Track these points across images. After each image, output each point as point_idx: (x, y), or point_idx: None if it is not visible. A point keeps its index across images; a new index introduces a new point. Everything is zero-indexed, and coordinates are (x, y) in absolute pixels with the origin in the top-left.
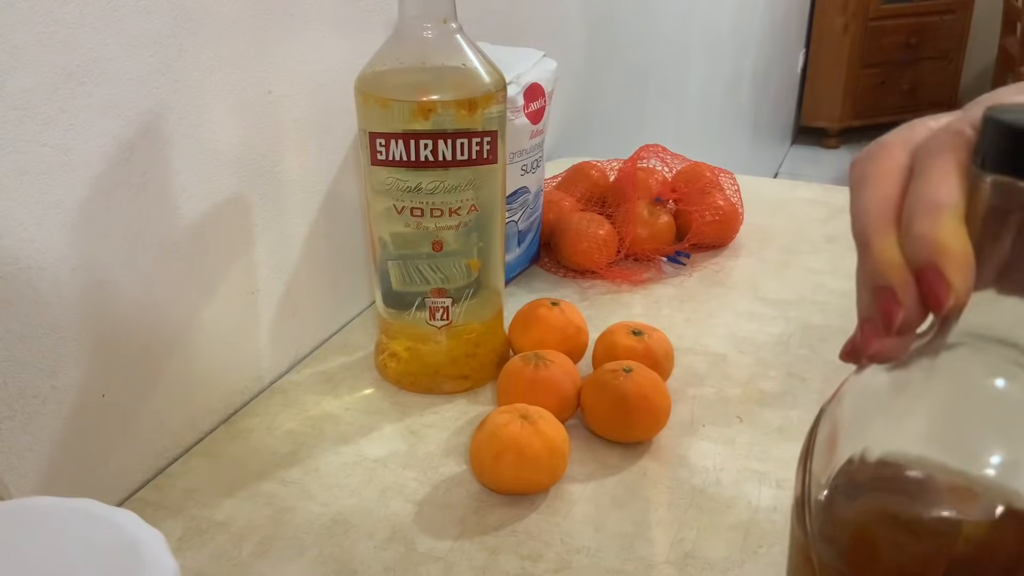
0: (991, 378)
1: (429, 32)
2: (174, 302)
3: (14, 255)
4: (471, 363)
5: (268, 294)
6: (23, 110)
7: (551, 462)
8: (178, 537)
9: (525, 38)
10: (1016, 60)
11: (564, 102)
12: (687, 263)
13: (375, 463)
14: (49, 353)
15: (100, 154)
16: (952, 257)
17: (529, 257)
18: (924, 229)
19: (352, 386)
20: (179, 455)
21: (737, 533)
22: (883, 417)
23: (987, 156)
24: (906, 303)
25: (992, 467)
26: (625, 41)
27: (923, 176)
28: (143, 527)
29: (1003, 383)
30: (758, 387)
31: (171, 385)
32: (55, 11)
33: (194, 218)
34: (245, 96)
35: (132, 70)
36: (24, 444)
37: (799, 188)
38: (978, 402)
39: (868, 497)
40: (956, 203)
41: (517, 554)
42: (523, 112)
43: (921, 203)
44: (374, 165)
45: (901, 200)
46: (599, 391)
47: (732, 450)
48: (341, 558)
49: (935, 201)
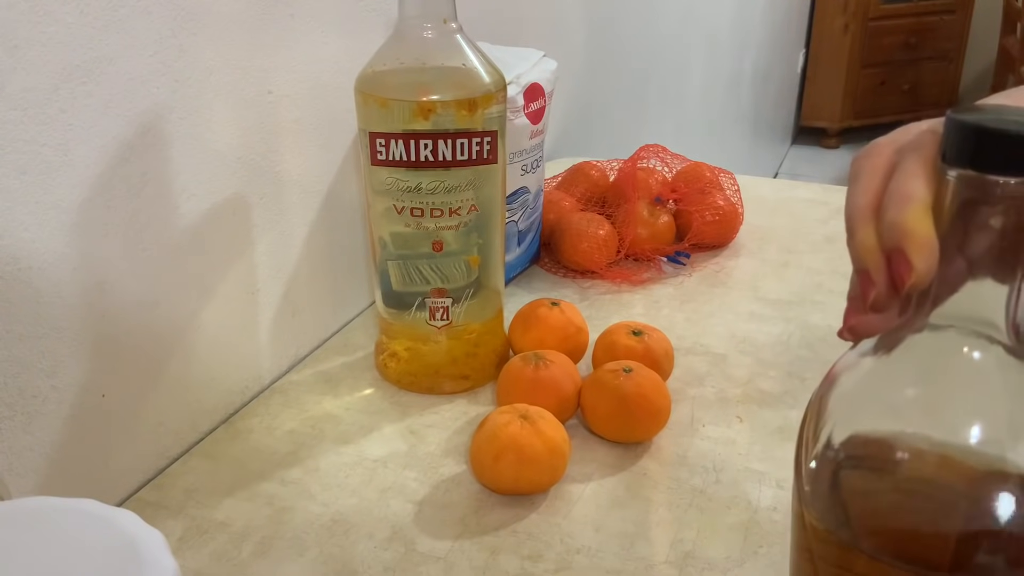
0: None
1: (429, 32)
2: (174, 302)
3: (14, 255)
4: (471, 363)
5: (268, 294)
6: (23, 110)
7: (551, 462)
8: (178, 537)
9: (525, 38)
10: (1016, 60)
11: (564, 102)
12: (687, 263)
13: (375, 463)
14: (49, 353)
15: (100, 154)
16: (914, 239)
17: (529, 257)
18: (893, 217)
19: (352, 386)
20: (179, 455)
21: (737, 533)
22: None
23: (948, 152)
24: (878, 282)
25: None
26: (625, 41)
27: (898, 172)
28: (143, 527)
29: (978, 355)
30: (758, 387)
31: (171, 385)
32: (55, 11)
33: (194, 218)
34: (245, 96)
35: (132, 70)
36: (24, 444)
37: (799, 188)
38: (953, 376)
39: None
40: (922, 195)
41: (517, 554)
42: (523, 112)
43: (894, 195)
44: (374, 165)
45: (883, 194)
46: (599, 391)
47: (732, 450)
48: (341, 558)
49: (905, 193)
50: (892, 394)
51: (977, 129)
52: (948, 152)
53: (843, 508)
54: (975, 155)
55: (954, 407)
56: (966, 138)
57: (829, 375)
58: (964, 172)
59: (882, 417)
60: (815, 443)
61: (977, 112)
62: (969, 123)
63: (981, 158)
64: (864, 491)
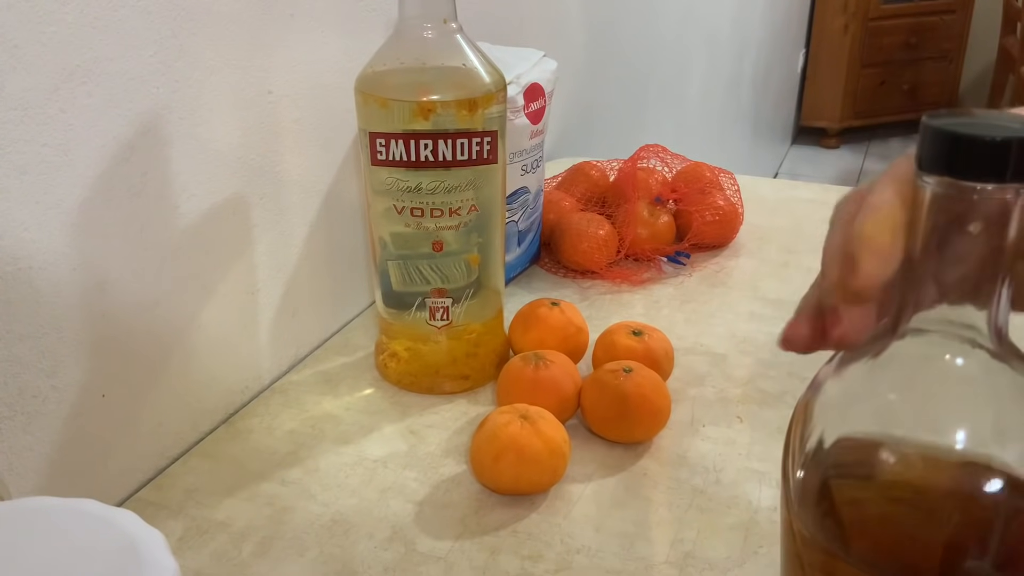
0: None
1: (429, 32)
2: (174, 302)
3: (14, 255)
4: (471, 363)
5: (268, 294)
6: (23, 110)
7: (551, 462)
8: (178, 537)
9: (525, 38)
10: (1016, 60)
11: (564, 102)
12: (687, 263)
13: (375, 463)
14: (49, 353)
15: (100, 154)
16: (866, 243)
17: (529, 257)
18: (855, 226)
19: (352, 386)
20: (179, 455)
21: (737, 533)
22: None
23: (923, 159)
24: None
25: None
26: (625, 41)
27: (870, 191)
28: (143, 527)
29: (961, 361)
30: (758, 387)
31: (171, 385)
32: (55, 11)
33: (194, 218)
34: (245, 96)
35: (132, 70)
36: (24, 444)
37: (799, 188)
38: (937, 381)
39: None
40: (888, 205)
41: (517, 554)
42: (523, 112)
43: (863, 209)
44: (374, 165)
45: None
46: (599, 391)
47: (732, 450)
48: (341, 558)
49: (871, 204)
50: (876, 400)
51: (952, 135)
52: (923, 159)
53: (830, 516)
54: (950, 161)
55: (939, 412)
56: (941, 144)
57: (814, 382)
58: (940, 179)
59: (867, 423)
60: (802, 451)
61: (952, 117)
62: (944, 129)
63: (956, 164)
64: (851, 499)
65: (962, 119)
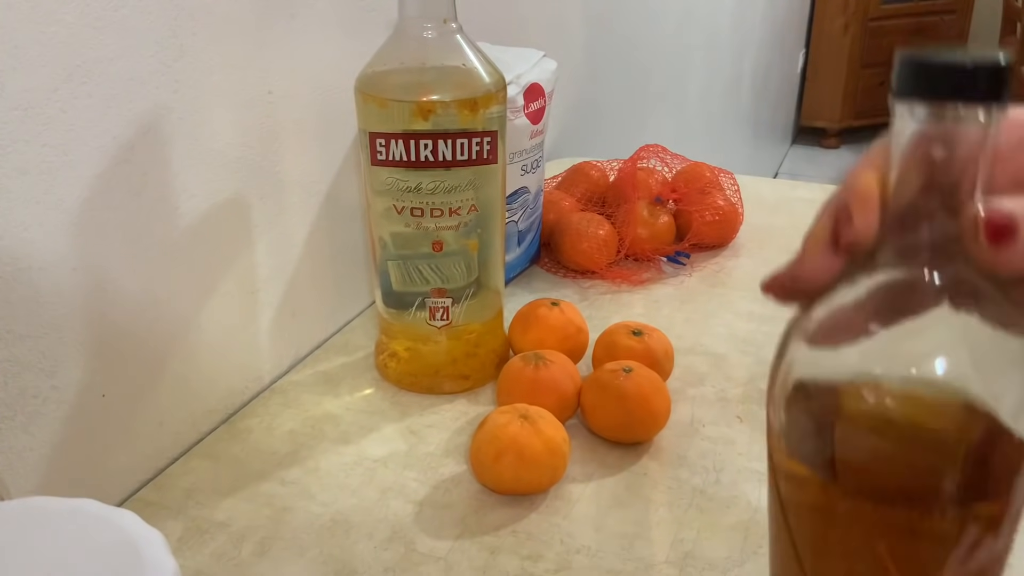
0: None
1: (429, 32)
2: (174, 302)
3: (14, 255)
4: (471, 363)
5: (268, 294)
6: (23, 110)
7: (551, 462)
8: (178, 537)
9: (525, 38)
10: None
11: (564, 102)
12: (687, 263)
13: (375, 463)
14: (49, 353)
15: (100, 154)
16: (854, 194)
17: (529, 257)
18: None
19: (352, 386)
20: (179, 455)
21: (737, 533)
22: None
23: (898, 86)
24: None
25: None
26: (625, 41)
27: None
28: (143, 527)
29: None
30: (758, 387)
31: (171, 385)
32: (55, 11)
33: (194, 218)
34: (245, 96)
35: (132, 70)
36: (24, 444)
37: (799, 188)
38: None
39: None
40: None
41: (517, 554)
42: (523, 112)
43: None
44: (374, 165)
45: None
46: (599, 391)
47: (732, 450)
48: (341, 558)
49: (857, 168)
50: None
51: (924, 60)
52: (898, 86)
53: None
54: (923, 85)
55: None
56: (913, 69)
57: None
58: (913, 101)
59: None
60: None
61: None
62: (917, 56)
63: (929, 86)
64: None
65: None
